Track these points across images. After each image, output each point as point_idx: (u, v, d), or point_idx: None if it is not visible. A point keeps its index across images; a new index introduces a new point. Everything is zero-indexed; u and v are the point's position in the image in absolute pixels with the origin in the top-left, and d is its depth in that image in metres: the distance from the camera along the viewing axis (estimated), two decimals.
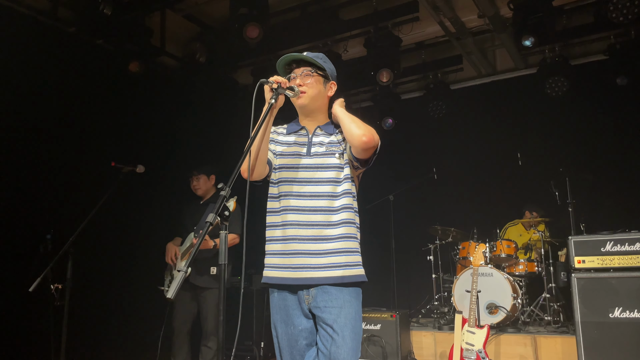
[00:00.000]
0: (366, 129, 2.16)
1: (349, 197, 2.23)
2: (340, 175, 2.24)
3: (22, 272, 3.79)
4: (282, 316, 2.22)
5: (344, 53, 6.16)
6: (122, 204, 4.51)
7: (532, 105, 6.46)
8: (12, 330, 4.12)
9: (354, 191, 2.28)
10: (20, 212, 4.31)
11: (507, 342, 4.81)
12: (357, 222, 2.28)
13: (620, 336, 3.81)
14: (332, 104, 2.40)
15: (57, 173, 4.62)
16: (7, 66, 4.30)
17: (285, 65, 2.32)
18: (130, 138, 5.21)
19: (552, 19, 5.19)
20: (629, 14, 4.75)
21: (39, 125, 4.53)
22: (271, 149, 2.32)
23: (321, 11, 5.65)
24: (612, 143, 6.03)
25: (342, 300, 2.13)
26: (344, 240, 2.18)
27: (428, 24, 5.76)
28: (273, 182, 2.31)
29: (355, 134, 2.15)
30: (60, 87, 4.70)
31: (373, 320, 4.93)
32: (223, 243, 1.85)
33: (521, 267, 5.59)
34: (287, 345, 2.21)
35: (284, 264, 2.19)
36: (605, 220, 5.20)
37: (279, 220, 2.24)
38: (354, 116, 2.24)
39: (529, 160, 5.78)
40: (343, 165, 2.24)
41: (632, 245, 3.93)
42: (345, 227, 2.20)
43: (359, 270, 2.21)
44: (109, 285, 4.65)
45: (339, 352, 2.06)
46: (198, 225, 4.24)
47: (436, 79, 6.87)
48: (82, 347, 4.38)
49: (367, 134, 2.14)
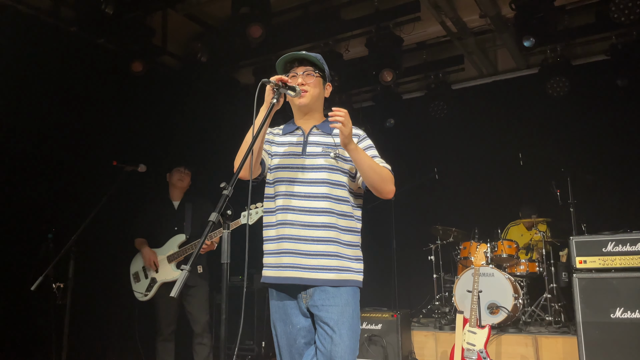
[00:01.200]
0: (392, 184, 2.19)
1: (347, 205, 2.24)
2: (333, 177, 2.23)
3: (24, 270, 3.79)
4: (280, 315, 2.24)
5: (345, 53, 6.16)
6: (124, 203, 4.51)
7: (534, 106, 6.45)
8: (14, 329, 4.13)
9: (352, 201, 2.28)
10: (22, 211, 4.32)
11: (508, 342, 4.81)
12: (356, 227, 2.28)
13: (622, 337, 3.81)
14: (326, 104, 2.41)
15: (59, 172, 4.62)
16: (9, 65, 4.30)
17: (286, 64, 2.33)
18: (132, 137, 5.21)
19: (553, 19, 5.18)
20: (631, 14, 4.74)
21: (40, 125, 4.54)
22: (266, 149, 2.33)
23: (323, 11, 5.65)
24: (614, 143, 6.02)
25: (340, 299, 2.14)
26: (334, 244, 2.18)
27: (429, 23, 5.76)
28: (269, 182, 2.32)
29: (384, 190, 2.18)
30: (62, 87, 4.71)
31: (374, 320, 4.93)
32: (225, 242, 1.85)
33: (522, 267, 5.59)
34: (286, 344, 2.22)
35: (277, 263, 2.21)
36: (607, 220, 5.20)
37: (274, 220, 2.25)
38: (375, 163, 2.19)
39: (530, 161, 5.77)
40: (338, 167, 2.24)
41: (634, 245, 3.92)
42: (336, 231, 2.19)
43: (351, 275, 2.20)
44: (110, 284, 4.65)
45: (337, 351, 2.07)
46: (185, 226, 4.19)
47: (437, 79, 6.87)
48: (84, 345, 4.39)
49: (393, 189, 2.19)
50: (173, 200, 4.35)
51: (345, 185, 2.25)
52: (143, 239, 4.25)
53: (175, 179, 4.32)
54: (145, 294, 4.13)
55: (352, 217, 2.27)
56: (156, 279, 4.13)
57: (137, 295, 4.18)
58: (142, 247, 4.19)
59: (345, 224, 2.23)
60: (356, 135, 2.30)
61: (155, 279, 4.13)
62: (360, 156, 2.13)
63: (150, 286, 4.14)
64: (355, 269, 2.22)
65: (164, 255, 4.16)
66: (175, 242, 4.15)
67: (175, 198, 4.35)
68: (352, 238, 2.25)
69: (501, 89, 6.82)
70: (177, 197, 4.35)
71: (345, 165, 2.26)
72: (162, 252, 4.17)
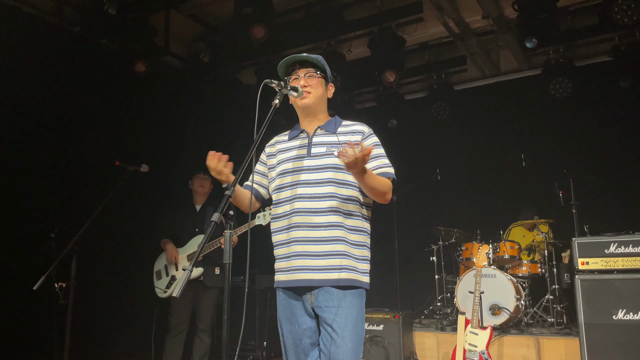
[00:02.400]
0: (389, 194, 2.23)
1: (354, 205, 2.23)
2: (339, 177, 2.22)
3: (26, 270, 3.81)
4: (287, 315, 2.24)
5: (348, 53, 6.16)
6: (127, 203, 4.52)
7: (536, 107, 6.44)
8: (16, 328, 4.14)
9: (361, 199, 2.27)
10: (25, 211, 4.33)
11: (510, 344, 4.80)
12: (363, 227, 2.27)
13: (624, 338, 3.80)
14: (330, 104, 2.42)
15: (61, 172, 4.63)
16: (12, 65, 4.32)
17: (288, 67, 2.34)
18: (135, 137, 5.22)
19: (556, 20, 5.18)
20: (634, 15, 4.73)
21: (43, 125, 4.55)
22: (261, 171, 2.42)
23: (325, 11, 5.65)
24: (617, 144, 6.00)
25: (343, 300, 2.13)
26: (342, 243, 2.17)
27: (432, 24, 5.76)
28: (276, 188, 2.33)
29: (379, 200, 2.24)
30: (65, 87, 4.72)
31: (376, 320, 4.93)
32: (228, 242, 1.85)
33: (524, 268, 5.58)
34: (291, 344, 2.22)
35: (288, 267, 2.20)
36: (609, 221, 5.18)
37: (282, 225, 2.25)
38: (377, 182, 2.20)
39: (533, 162, 5.76)
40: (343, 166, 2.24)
41: (636, 247, 3.91)
42: (343, 230, 2.18)
43: (356, 276, 2.19)
44: (112, 284, 4.66)
45: (339, 353, 2.06)
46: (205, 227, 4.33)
47: (440, 80, 6.86)
48: (86, 345, 4.40)
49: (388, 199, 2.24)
50: (196, 204, 4.55)
51: (352, 184, 2.24)
52: (167, 239, 4.41)
53: (196, 186, 4.52)
54: (165, 291, 4.30)
55: (360, 216, 2.26)
56: (176, 277, 4.28)
57: (157, 291, 4.35)
58: (166, 244, 4.37)
59: (352, 224, 2.22)
60: (360, 133, 2.31)
61: (175, 277, 4.29)
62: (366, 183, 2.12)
63: (170, 283, 4.29)
64: (361, 270, 2.21)
65: (184, 255, 4.30)
66: (196, 243, 4.31)
67: (198, 202, 4.55)
68: (359, 238, 2.24)
69: (504, 90, 6.80)
70: (199, 202, 4.55)
71: None
72: (183, 251, 4.33)
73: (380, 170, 2.24)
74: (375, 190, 2.16)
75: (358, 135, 2.29)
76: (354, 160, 1.93)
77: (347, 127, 2.34)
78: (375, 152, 2.26)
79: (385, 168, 2.25)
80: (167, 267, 4.36)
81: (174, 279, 4.28)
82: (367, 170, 2.06)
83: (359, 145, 1.97)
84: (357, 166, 1.97)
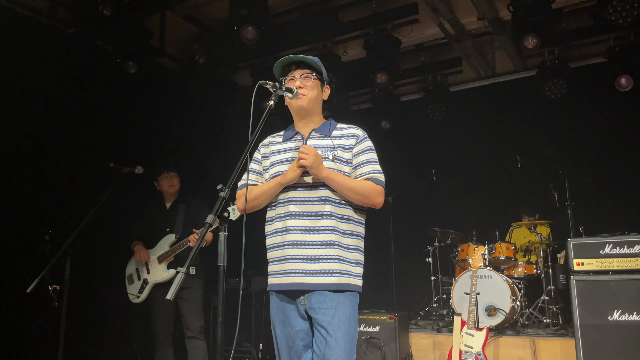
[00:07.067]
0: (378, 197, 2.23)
1: (348, 209, 2.23)
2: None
3: (20, 272, 3.78)
4: (280, 317, 2.23)
5: (343, 55, 6.16)
6: (121, 205, 4.49)
7: (532, 108, 6.46)
8: (9, 331, 4.11)
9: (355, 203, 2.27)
10: (19, 213, 4.30)
11: (506, 345, 4.80)
12: (357, 231, 2.27)
13: (619, 339, 3.81)
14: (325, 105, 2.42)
15: (55, 174, 4.60)
16: (6, 67, 4.29)
17: (283, 68, 2.33)
18: (129, 139, 5.20)
19: (551, 22, 5.19)
20: (629, 17, 4.75)
21: (37, 126, 4.52)
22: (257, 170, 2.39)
23: (321, 13, 5.65)
24: (612, 145, 6.03)
25: (337, 302, 2.13)
26: (335, 247, 2.17)
27: (427, 26, 5.76)
28: None
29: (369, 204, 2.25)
30: (59, 88, 4.69)
31: (372, 322, 4.92)
32: (222, 244, 1.84)
33: (520, 269, 5.59)
34: (285, 346, 2.22)
35: (281, 270, 2.20)
36: (604, 222, 5.20)
37: (276, 228, 2.24)
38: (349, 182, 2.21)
39: (528, 163, 5.78)
40: (337, 169, 2.22)
41: (631, 247, 3.93)
42: (337, 234, 2.18)
43: (350, 279, 2.18)
44: (107, 287, 4.63)
45: (332, 354, 2.06)
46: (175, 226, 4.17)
47: (435, 81, 6.87)
48: (80, 348, 4.37)
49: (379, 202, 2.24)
50: (166, 202, 4.36)
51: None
52: (137, 241, 4.27)
53: (165, 187, 4.30)
54: (138, 296, 4.13)
55: (354, 220, 2.25)
56: (148, 280, 4.12)
57: (130, 297, 4.18)
58: (135, 245, 4.22)
59: (346, 228, 2.22)
60: (355, 136, 2.30)
61: (147, 280, 4.12)
62: (333, 182, 2.17)
63: (143, 287, 4.13)
64: (355, 274, 2.21)
65: (155, 256, 4.15)
66: (166, 243, 4.14)
67: (168, 200, 4.36)
68: (353, 242, 2.23)
69: (499, 91, 6.82)
70: (169, 199, 4.36)
71: (344, 168, 2.25)
72: (153, 252, 4.17)
73: (370, 175, 2.23)
74: (353, 194, 2.18)
75: (352, 139, 2.29)
76: (306, 156, 2.10)
77: (342, 131, 2.33)
78: (367, 157, 2.27)
79: (374, 174, 2.24)
80: (138, 271, 4.19)
81: (146, 282, 4.11)
82: (324, 169, 2.15)
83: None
84: (313, 163, 2.10)
